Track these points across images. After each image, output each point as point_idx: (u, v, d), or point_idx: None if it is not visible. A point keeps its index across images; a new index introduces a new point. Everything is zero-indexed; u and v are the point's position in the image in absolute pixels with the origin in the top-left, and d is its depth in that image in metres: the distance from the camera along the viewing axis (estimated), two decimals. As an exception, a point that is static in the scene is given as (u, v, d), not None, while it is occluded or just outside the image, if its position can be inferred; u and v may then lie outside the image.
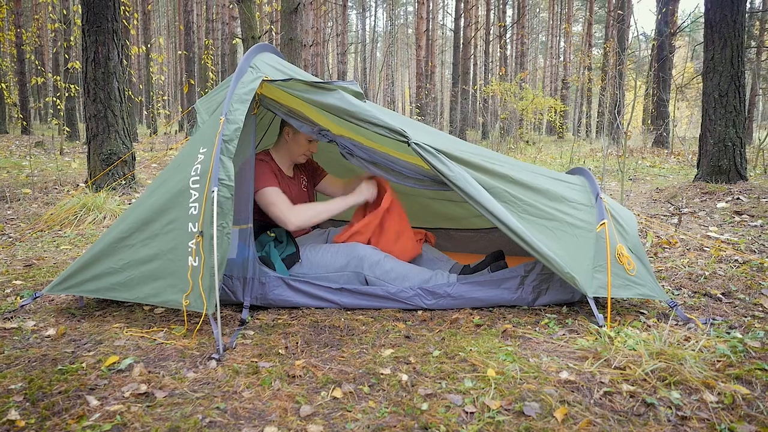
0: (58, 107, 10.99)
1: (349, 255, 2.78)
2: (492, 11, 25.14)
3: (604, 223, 2.54)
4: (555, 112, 19.53)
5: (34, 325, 2.43)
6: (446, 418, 1.66)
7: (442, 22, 37.91)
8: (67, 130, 12.61)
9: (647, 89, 14.73)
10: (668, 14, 13.71)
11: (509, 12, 29.13)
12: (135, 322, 2.48)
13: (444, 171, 2.53)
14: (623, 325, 2.36)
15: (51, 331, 2.36)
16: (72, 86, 11.83)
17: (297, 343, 2.25)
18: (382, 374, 1.96)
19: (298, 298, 2.64)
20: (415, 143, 2.55)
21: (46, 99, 12.93)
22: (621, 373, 1.92)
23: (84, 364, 2.02)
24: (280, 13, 8.62)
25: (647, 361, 1.95)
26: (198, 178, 2.32)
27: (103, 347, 2.20)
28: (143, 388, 1.86)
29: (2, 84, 13.94)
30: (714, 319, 2.46)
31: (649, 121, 14.52)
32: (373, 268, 2.74)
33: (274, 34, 15.97)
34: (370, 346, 2.22)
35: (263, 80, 2.56)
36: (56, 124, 11.29)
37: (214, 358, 2.08)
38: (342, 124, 2.82)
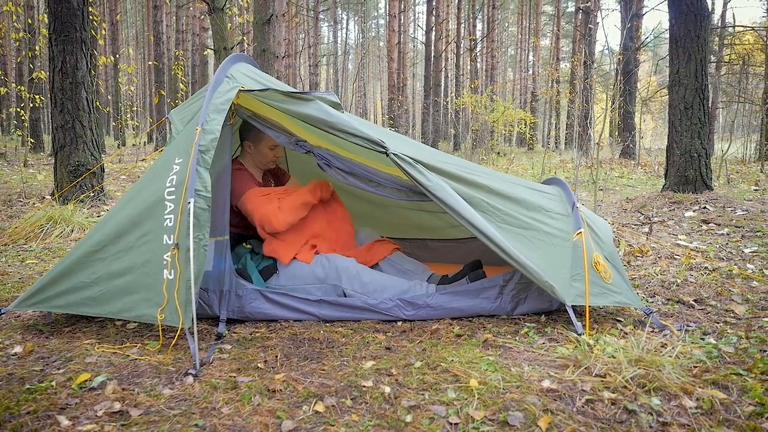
0: (22, 118, 10.69)
1: (327, 266, 2.75)
2: (462, 25, 25.48)
3: (580, 232, 2.57)
4: (525, 124, 19.85)
5: (0, 343, 2.33)
6: (431, 430, 1.65)
7: (413, 35, 38.29)
8: (32, 141, 12.27)
9: (614, 102, 15.12)
10: (633, 30, 14.12)
11: (479, 26, 29.61)
12: (107, 338, 2.40)
13: (422, 181, 2.53)
14: (601, 333, 2.38)
15: (18, 349, 2.26)
16: (37, 96, 11.54)
17: (276, 356, 2.21)
18: (364, 387, 1.93)
19: (275, 311, 2.59)
20: (393, 153, 2.55)
21: (10, 110, 12.57)
22: (602, 381, 1.93)
23: (54, 383, 1.95)
24: (252, 24, 8.59)
25: (627, 368, 1.97)
26: (173, 189, 2.27)
27: (74, 364, 2.12)
28: (117, 406, 1.79)
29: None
30: (688, 326, 2.50)
31: (617, 133, 14.88)
32: (351, 281, 2.72)
33: (246, 45, 15.87)
34: (351, 359, 2.20)
35: (240, 90, 2.53)
36: (19, 135, 10.97)
37: (190, 373, 2.02)
38: (320, 135, 2.80)
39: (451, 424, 1.69)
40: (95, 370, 2.06)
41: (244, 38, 11.04)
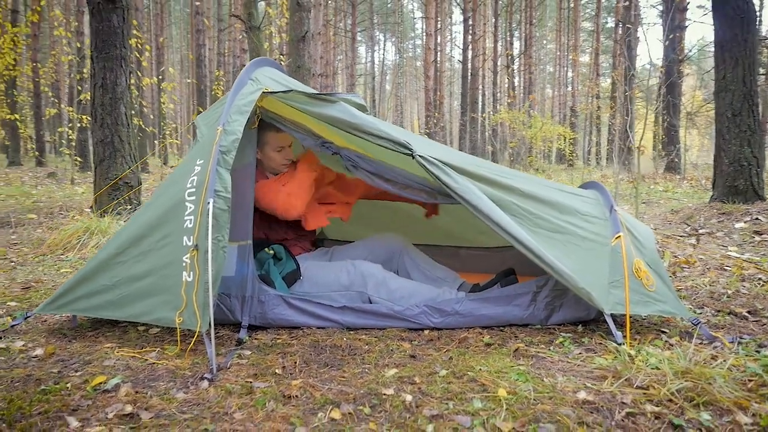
0: (70, 138, 11.10)
1: (353, 273, 2.66)
2: (499, 42, 25.38)
3: (619, 236, 2.41)
4: (564, 140, 19.47)
5: (23, 345, 2.32)
6: (453, 441, 1.52)
7: (450, 55, 38.41)
8: (79, 160, 12.71)
9: (657, 115, 14.66)
10: (675, 41, 13.72)
11: (516, 44, 29.46)
12: (128, 342, 2.37)
13: (450, 183, 2.43)
14: (643, 343, 2.20)
15: (39, 351, 2.25)
16: (83, 117, 11.97)
17: (295, 362, 2.12)
18: (384, 394, 1.82)
19: (298, 317, 2.51)
20: (419, 156, 2.46)
21: (59, 129, 13.08)
22: (644, 393, 1.76)
23: (69, 384, 1.91)
24: (287, 41, 8.71)
25: (672, 381, 1.80)
26: (194, 190, 2.24)
27: (91, 367, 2.08)
28: (128, 408, 1.73)
29: (17, 117, 14.11)
30: (741, 338, 2.30)
31: (660, 147, 14.40)
32: (377, 288, 2.63)
33: (281, 63, 16.19)
34: (373, 366, 2.09)
35: (263, 92, 2.50)
36: (68, 154, 11.38)
37: (206, 378, 1.95)
38: (345, 137, 2.74)
39: (476, 435, 1.56)
40: (112, 373, 2.01)
41: (282, 56, 11.23)
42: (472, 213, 2.43)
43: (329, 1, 25.59)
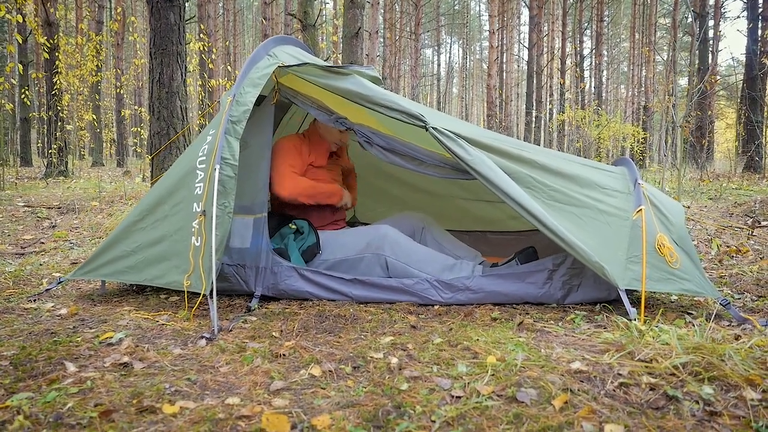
0: (142, 136, 11.74)
1: (370, 235, 2.66)
2: (567, 40, 24.60)
3: (641, 209, 2.26)
4: (635, 140, 18.58)
5: (52, 306, 2.47)
6: (426, 399, 1.48)
7: (518, 56, 37.62)
8: (149, 158, 13.42)
9: (738, 113, 13.69)
10: (756, 31, 12.78)
11: (587, 42, 28.44)
12: (146, 307, 2.47)
13: (462, 155, 2.37)
14: (663, 322, 2.06)
15: (63, 311, 2.38)
16: (156, 117, 12.62)
17: (294, 327, 2.13)
18: (371, 357, 1.80)
19: (309, 288, 2.53)
20: (433, 128, 2.42)
21: (132, 129, 13.91)
22: (645, 366, 1.64)
23: (80, 338, 2.01)
24: (341, 37, 8.83)
25: (678, 354, 1.67)
26: (204, 158, 2.30)
27: (106, 326, 2.18)
28: (125, 359, 1.80)
29: (94, 117, 15.05)
30: (777, 321, 2.10)
31: (737, 144, 13.44)
32: (394, 249, 2.60)
33: (333, 60, 16.43)
34: (370, 334, 2.07)
35: (279, 66, 2.54)
36: (139, 151, 12.06)
37: (204, 337, 2.00)
38: (360, 113, 2.74)
39: (452, 396, 1.51)
40: (121, 331, 2.11)
41: (335, 54, 11.41)
42: (484, 185, 2.36)
43: (393, 4, 25.76)
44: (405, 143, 2.64)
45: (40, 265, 3.46)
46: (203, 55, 12.11)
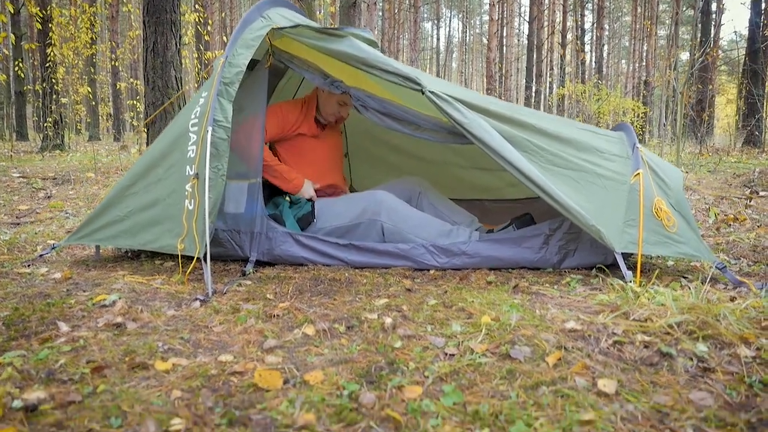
0: (138, 109, 11.63)
1: (366, 201, 2.63)
2: (569, 14, 24.25)
3: (639, 173, 2.24)
4: (635, 115, 18.45)
5: (46, 271, 2.46)
6: (419, 357, 1.48)
7: (518, 29, 37.15)
8: (145, 131, 13.30)
9: (739, 87, 13.57)
10: (759, 4, 12.60)
11: (588, 16, 28.03)
12: (140, 272, 2.46)
13: (458, 118, 2.34)
14: (658, 285, 2.05)
15: (57, 275, 2.37)
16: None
17: (288, 290, 2.13)
18: (365, 318, 1.79)
19: (304, 254, 2.52)
20: (429, 91, 2.38)
21: (128, 102, 13.75)
22: (640, 326, 1.64)
23: (73, 300, 2.00)
24: (339, 7, 8.68)
25: (673, 314, 1.66)
26: (196, 120, 2.27)
27: (100, 289, 2.17)
28: (119, 320, 1.79)
29: (88, 90, 14.86)
30: (772, 284, 2.09)
31: (737, 118, 13.34)
32: (390, 215, 2.57)
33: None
34: (365, 296, 2.06)
35: (273, 28, 2.49)
36: (134, 125, 11.96)
37: (199, 299, 2.00)
38: (356, 77, 2.69)
39: (446, 354, 1.51)
40: (115, 294, 2.10)
41: (332, 25, 11.25)
42: (481, 149, 2.33)
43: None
44: (401, 107, 2.60)
45: (35, 233, 3.44)
46: (199, 27, 11.92)
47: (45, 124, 10.75)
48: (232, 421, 1.16)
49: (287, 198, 2.88)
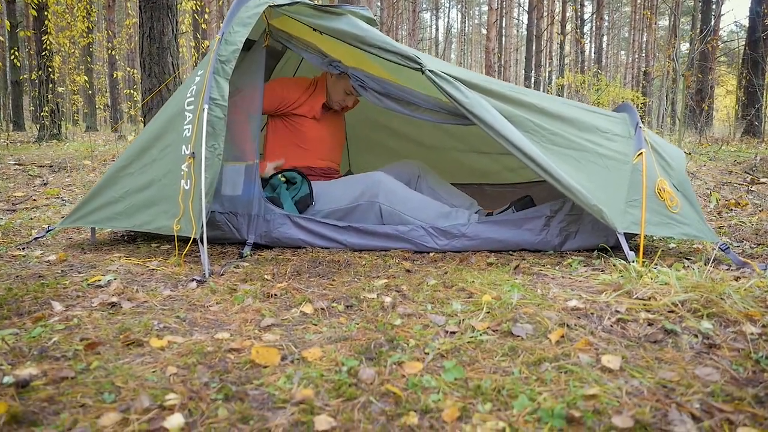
0: (135, 99, 11.55)
1: (364, 183, 2.60)
2: (568, 4, 24.10)
3: (641, 153, 2.21)
4: (635, 106, 18.41)
5: (41, 254, 2.43)
6: (420, 334, 1.45)
7: (517, 20, 36.95)
8: (142, 120, 13.23)
9: (740, 78, 13.51)
10: (762, -8, 12.50)
11: (588, 5, 27.87)
12: (136, 254, 2.43)
13: (459, 98, 2.30)
14: (661, 265, 2.02)
15: (52, 257, 2.34)
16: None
17: (286, 271, 2.10)
18: (365, 297, 1.77)
19: (302, 236, 2.49)
20: (429, 70, 2.34)
21: (125, 92, 13.66)
22: (643, 304, 1.61)
23: (68, 281, 1.97)
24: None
25: (677, 293, 1.64)
26: (192, 99, 2.23)
27: (95, 271, 2.14)
28: (114, 299, 1.76)
29: (85, 79, 14.75)
30: (776, 265, 2.07)
31: (737, 108, 13.28)
32: (388, 196, 2.54)
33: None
34: (364, 277, 2.04)
35: (269, 6, 2.44)
36: (133, 114, 11.88)
37: (195, 279, 1.97)
38: (355, 57, 2.65)
39: (446, 332, 1.48)
40: (110, 275, 2.07)
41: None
42: (482, 129, 2.30)
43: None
44: (401, 87, 2.56)
45: (31, 219, 3.40)
46: (196, 15, 11.82)
47: (41, 113, 10.67)
48: (229, 396, 1.13)
49: (282, 178, 2.84)
